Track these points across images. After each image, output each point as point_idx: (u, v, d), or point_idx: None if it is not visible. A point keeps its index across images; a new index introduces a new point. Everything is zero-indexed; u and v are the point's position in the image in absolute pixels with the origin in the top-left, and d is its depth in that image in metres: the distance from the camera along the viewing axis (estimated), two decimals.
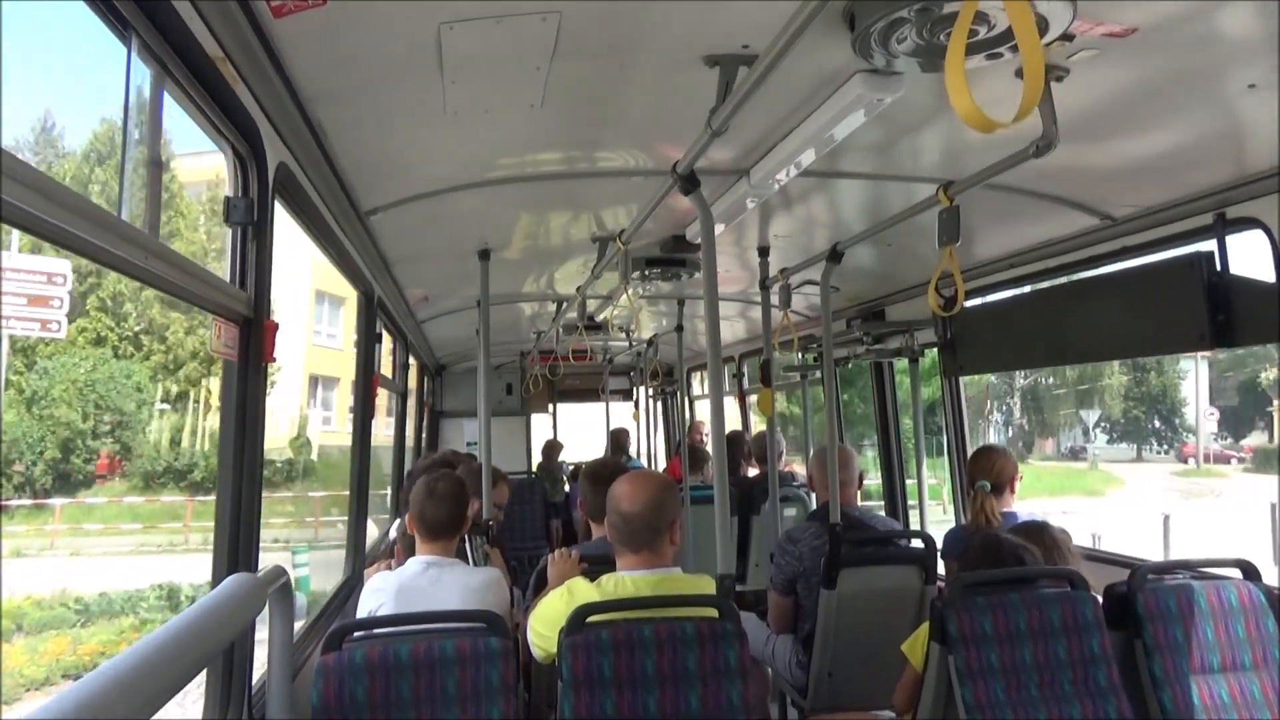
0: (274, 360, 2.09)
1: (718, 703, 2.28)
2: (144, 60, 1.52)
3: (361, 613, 2.84)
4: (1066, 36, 1.94)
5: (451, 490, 2.97)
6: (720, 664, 2.30)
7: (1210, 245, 2.91)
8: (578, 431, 11.25)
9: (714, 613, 2.39)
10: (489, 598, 2.82)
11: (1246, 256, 2.86)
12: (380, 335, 4.31)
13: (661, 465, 9.56)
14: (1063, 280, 3.70)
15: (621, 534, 2.57)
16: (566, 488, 9.29)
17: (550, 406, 10.41)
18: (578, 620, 2.31)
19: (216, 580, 1.96)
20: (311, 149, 2.44)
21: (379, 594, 2.84)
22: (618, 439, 9.33)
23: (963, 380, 4.64)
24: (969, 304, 4.22)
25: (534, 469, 9.66)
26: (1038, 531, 2.98)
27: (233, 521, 2.00)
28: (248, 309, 2.06)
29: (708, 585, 2.59)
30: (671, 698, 2.26)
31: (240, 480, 2.01)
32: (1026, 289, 3.97)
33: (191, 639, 1.18)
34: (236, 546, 1.99)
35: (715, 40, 2.06)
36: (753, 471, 6.49)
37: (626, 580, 2.54)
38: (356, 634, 2.41)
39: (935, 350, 4.58)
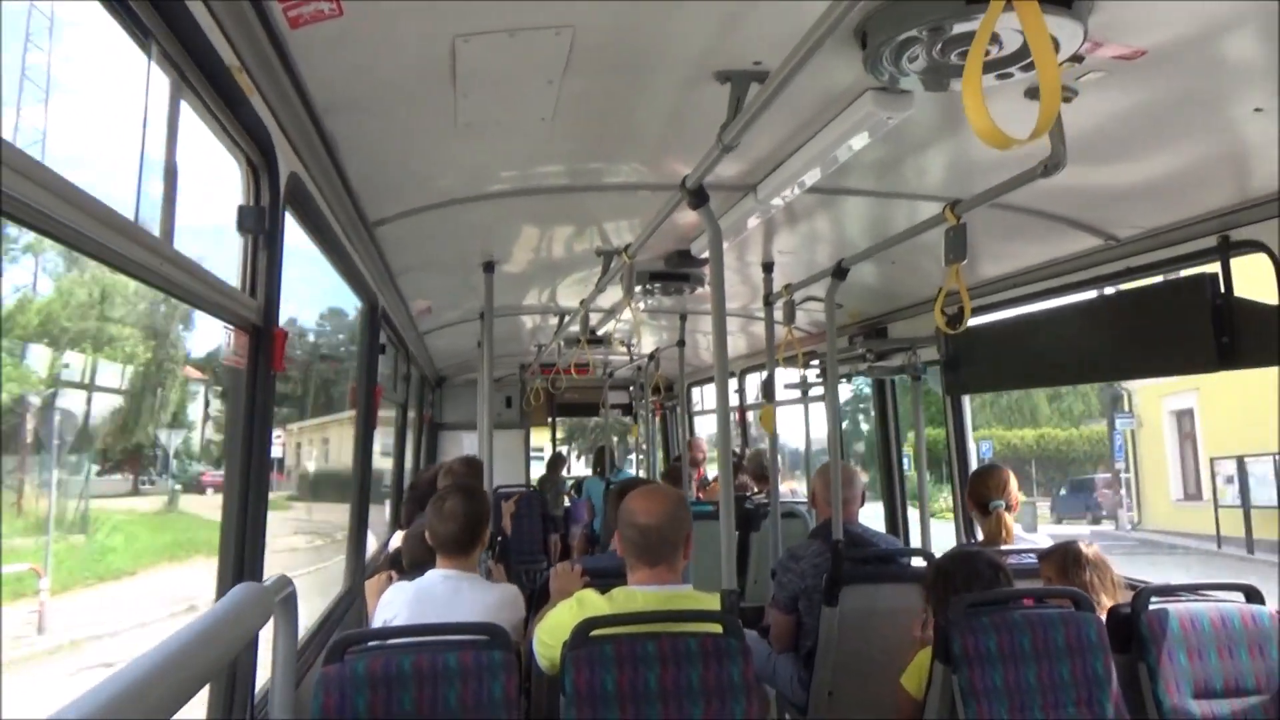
0: (283, 369, 2.09)
1: (721, 719, 2.27)
2: (163, 68, 1.53)
3: (376, 624, 2.82)
4: (1076, 58, 1.95)
5: (458, 508, 2.92)
6: (725, 681, 2.28)
7: (1214, 267, 2.92)
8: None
9: (718, 628, 2.38)
10: (504, 614, 2.79)
11: (1250, 279, 2.87)
12: (383, 346, 4.30)
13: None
14: (1067, 300, 3.71)
15: (639, 548, 2.53)
16: (567, 502, 9.25)
17: (550, 420, 10.40)
18: (582, 634, 2.29)
19: (222, 589, 1.95)
20: (322, 159, 2.45)
21: (391, 605, 2.82)
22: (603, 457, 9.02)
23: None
24: (972, 323, 4.23)
25: (534, 482, 9.61)
26: (1076, 552, 2.97)
27: (239, 530, 1.98)
28: (258, 317, 2.05)
29: (715, 603, 2.58)
30: (674, 713, 2.24)
31: (247, 489, 1.99)
32: (1030, 308, 3.98)
33: (201, 648, 1.15)
34: (242, 555, 1.98)
35: (727, 56, 2.07)
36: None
37: (637, 594, 2.51)
38: (358, 645, 2.39)
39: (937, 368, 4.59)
